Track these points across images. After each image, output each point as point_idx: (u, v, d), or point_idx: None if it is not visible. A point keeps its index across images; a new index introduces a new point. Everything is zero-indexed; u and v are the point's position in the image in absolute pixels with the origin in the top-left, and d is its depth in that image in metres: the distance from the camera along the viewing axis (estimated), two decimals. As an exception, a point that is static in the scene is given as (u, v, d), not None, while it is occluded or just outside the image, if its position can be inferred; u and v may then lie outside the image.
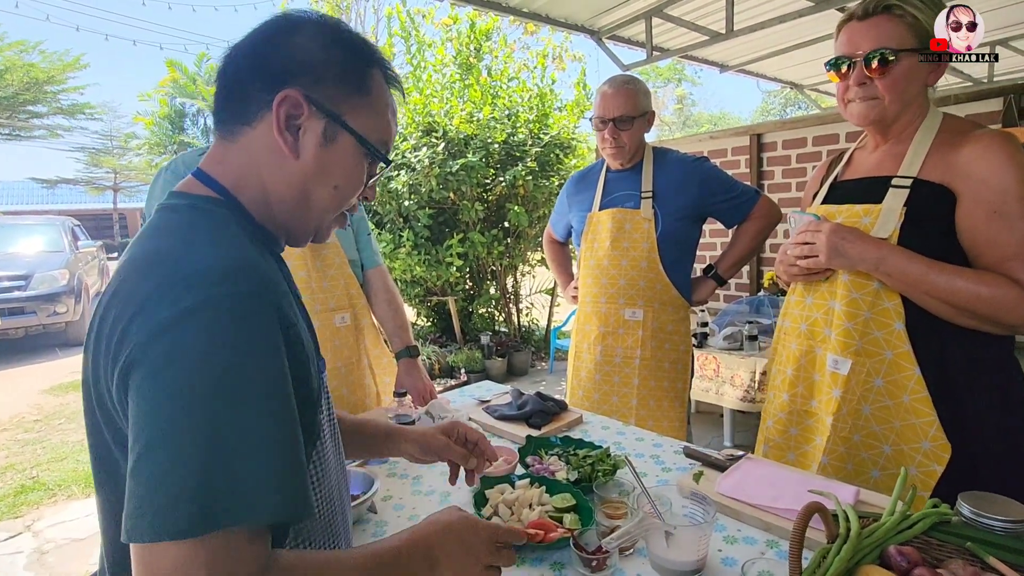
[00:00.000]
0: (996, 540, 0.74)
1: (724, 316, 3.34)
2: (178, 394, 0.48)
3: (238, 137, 0.65)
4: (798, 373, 1.23)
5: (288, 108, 0.62)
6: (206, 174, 0.65)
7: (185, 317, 0.50)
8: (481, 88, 4.95)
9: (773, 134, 3.62)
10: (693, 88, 28.25)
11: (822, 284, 1.17)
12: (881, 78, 1.07)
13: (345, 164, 0.67)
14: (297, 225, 0.69)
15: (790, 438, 1.26)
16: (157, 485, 0.47)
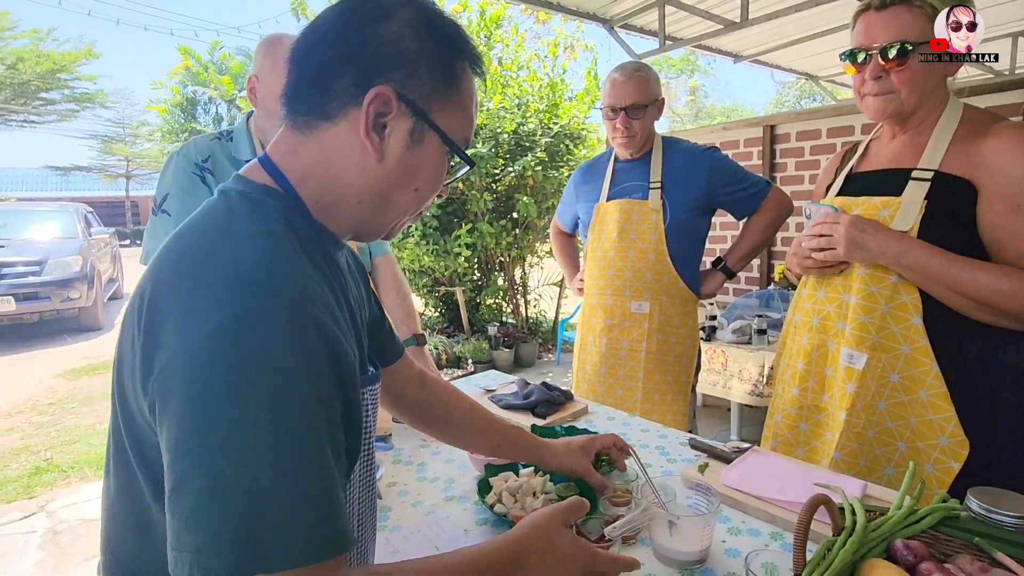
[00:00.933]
0: (1005, 536, 0.73)
1: (733, 309, 3.32)
2: (216, 420, 0.45)
3: (315, 131, 0.59)
4: (809, 367, 1.21)
5: (378, 106, 0.57)
6: (272, 163, 0.61)
7: (221, 332, 0.46)
8: (491, 77, 4.92)
9: (787, 125, 3.57)
10: (706, 79, 27.96)
11: (835, 277, 1.16)
12: (898, 72, 1.04)
13: (430, 166, 0.63)
14: (372, 226, 0.66)
15: (800, 433, 1.25)
16: (196, 522, 0.44)
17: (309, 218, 0.61)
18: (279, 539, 0.45)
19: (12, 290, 6.35)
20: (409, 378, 0.93)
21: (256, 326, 0.47)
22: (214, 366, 0.46)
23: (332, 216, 0.63)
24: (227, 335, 0.46)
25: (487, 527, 0.97)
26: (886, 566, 0.69)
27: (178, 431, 0.47)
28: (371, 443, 0.73)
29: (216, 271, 0.50)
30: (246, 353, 0.46)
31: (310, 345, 0.49)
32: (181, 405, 0.47)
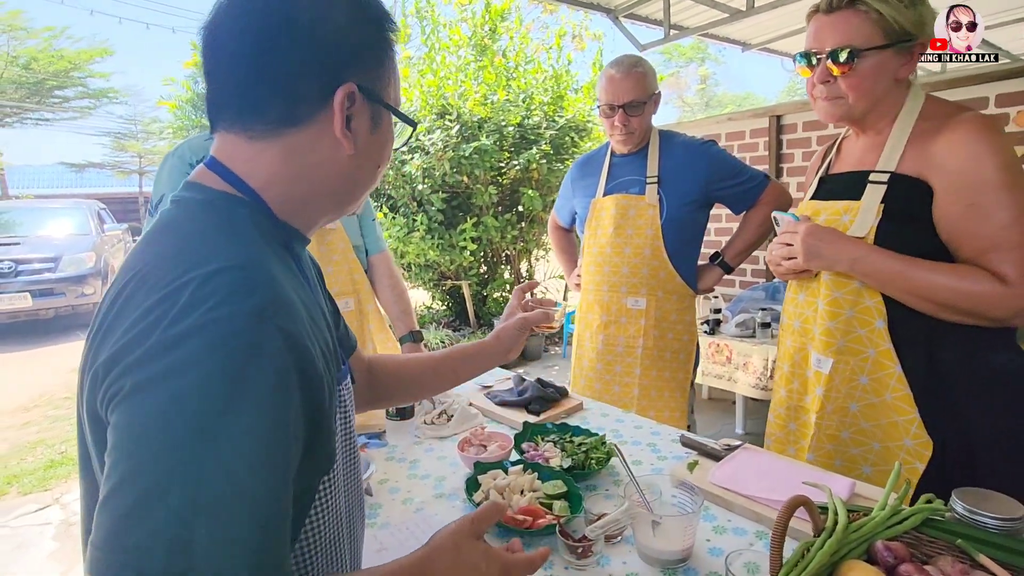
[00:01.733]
0: (988, 538, 0.72)
1: (738, 302, 3.29)
2: (165, 428, 0.44)
3: (282, 137, 0.58)
4: (793, 369, 1.22)
5: (345, 103, 0.58)
6: (228, 170, 0.59)
7: (182, 341, 0.45)
8: (496, 70, 4.90)
9: (793, 115, 3.51)
10: (717, 67, 27.53)
11: (812, 282, 1.16)
12: (845, 77, 1.04)
13: (387, 141, 0.66)
14: (343, 210, 0.68)
15: (789, 433, 1.25)
16: (135, 521, 0.43)
17: (275, 219, 0.61)
18: (210, 557, 0.43)
19: (28, 286, 6.48)
20: (359, 370, 0.93)
21: (214, 332, 0.46)
22: (173, 373, 0.45)
23: (301, 213, 0.63)
24: (190, 343, 0.45)
25: (474, 525, 0.97)
26: (864, 568, 0.69)
27: (126, 432, 0.45)
28: (353, 439, 0.74)
29: (182, 282, 0.48)
30: (208, 362, 0.45)
31: (274, 357, 0.48)
32: (134, 409, 0.46)
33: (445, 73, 4.89)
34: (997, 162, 0.94)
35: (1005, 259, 0.94)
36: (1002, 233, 0.94)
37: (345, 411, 0.70)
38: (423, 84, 4.68)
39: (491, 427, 1.37)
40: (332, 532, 0.65)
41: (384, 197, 5.01)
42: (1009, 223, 0.93)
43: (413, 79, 4.78)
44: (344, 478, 0.72)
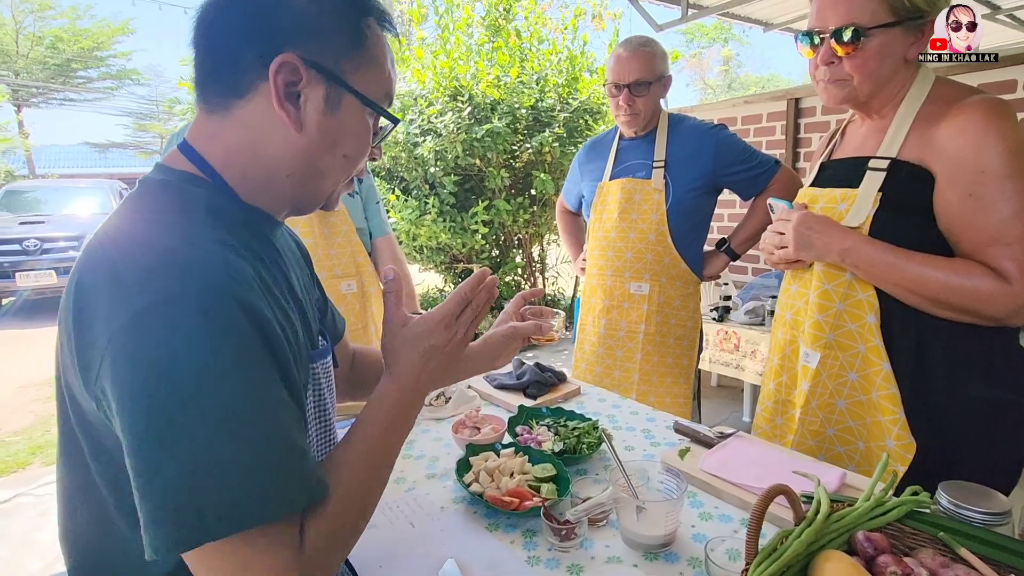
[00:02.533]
0: (971, 532, 0.72)
1: (749, 289, 3.25)
2: (146, 406, 0.46)
3: (231, 111, 0.59)
4: (783, 362, 1.20)
5: (287, 76, 0.57)
6: (193, 149, 0.60)
7: (138, 321, 0.47)
8: (510, 51, 4.83)
9: (813, 98, 3.41)
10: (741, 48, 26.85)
11: (805, 272, 1.13)
12: (850, 58, 0.98)
13: (352, 130, 0.62)
14: (307, 198, 0.66)
15: (776, 427, 1.24)
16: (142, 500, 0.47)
17: (238, 201, 0.61)
18: (220, 508, 0.47)
19: (54, 264, 6.66)
20: (343, 359, 0.95)
21: (170, 310, 0.47)
22: (134, 355, 0.47)
23: (264, 195, 0.63)
24: (142, 323, 0.47)
25: (463, 505, 0.99)
26: (839, 557, 0.69)
27: (122, 425, 0.48)
28: (329, 420, 0.75)
29: (131, 265, 0.50)
30: (163, 338, 0.47)
31: (232, 322, 0.49)
32: (120, 400, 0.48)
33: (458, 54, 4.84)
34: (1002, 149, 0.89)
35: (1005, 254, 0.89)
36: (1003, 226, 0.89)
37: (319, 390, 0.70)
38: (436, 65, 4.64)
39: (487, 410, 1.38)
40: None
41: (397, 179, 5.01)
42: (1011, 216, 0.89)
43: (427, 60, 4.75)
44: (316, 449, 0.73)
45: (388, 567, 0.84)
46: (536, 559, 0.84)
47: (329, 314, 0.90)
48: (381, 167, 4.96)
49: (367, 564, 0.83)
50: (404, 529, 0.93)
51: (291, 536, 0.52)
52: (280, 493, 0.50)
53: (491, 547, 0.87)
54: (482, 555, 0.85)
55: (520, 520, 0.93)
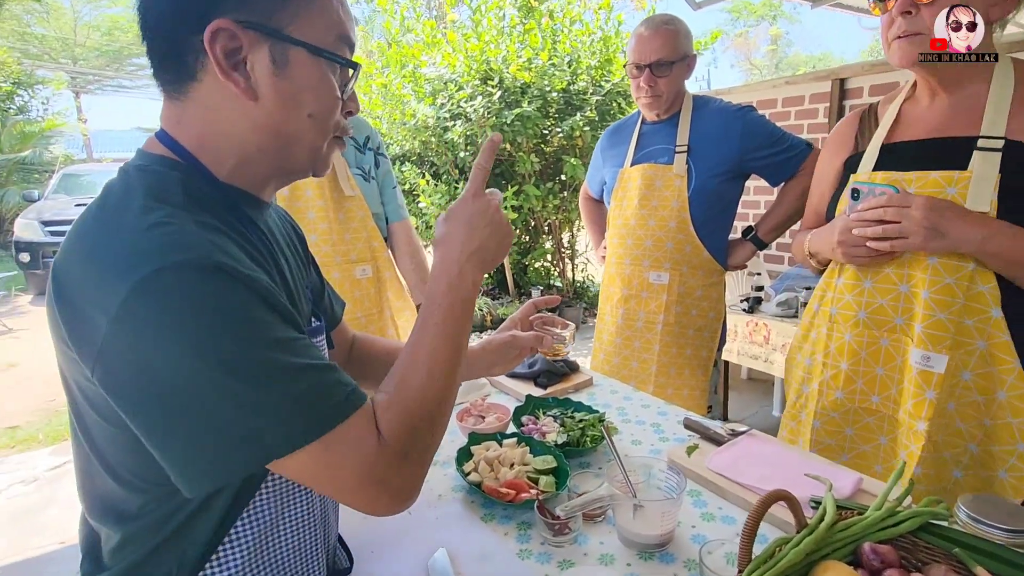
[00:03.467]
0: (990, 549, 0.66)
1: (784, 279, 3.12)
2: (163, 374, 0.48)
3: (189, 95, 0.58)
4: (856, 368, 1.09)
5: (224, 43, 0.54)
6: (167, 134, 0.60)
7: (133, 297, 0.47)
8: (542, 33, 4.74)
9: (859, 78, 3.22)
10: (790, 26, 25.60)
11: (885, 265, 1.03)
12: (930, 7, 0.89)
13: (309, 86, 0.59)
14: (287, 169, 0.64)
15: (844, 439, 1.13)
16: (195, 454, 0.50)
17: (215, 182, 0.60)
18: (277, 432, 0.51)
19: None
20: (341, 346, 0.94)
21: (162, 281, 0.48)
22: (141, 328, 0.48)
23: (242, 173, 0.62)
24: (139, 297, 0.47)
25: (461, 494, 0.99)
26: (839, 569, 0.65)
27: (139, 397, 0.50)
28: None
29: (113, 247, 0.50)
30: (164, 306, 0.47)
31: (222, 284, 0.50)
32: (129, 374, 0.49)
33: (489, 37, 4.78)
34: None
35: None
36: None
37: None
38: (467, 48, 4.59)
39: (496, 398, 1.37)
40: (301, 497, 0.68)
41: (427, 164, 5.02)
42: None
43: (459, 44, 4.70)
44: None
45: (379, 552, 0.84)
46: (527, 552, 0.83)
47: (326, 297, 0.90)
48: (412, 152, 4.98)
49: (359, 549, 0.84)
50: (400, 516, 0.92)
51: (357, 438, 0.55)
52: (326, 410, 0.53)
53: (484, 538, 0.86)
54: (474, 546, 0.85)
55: (516, 512, 0.92)
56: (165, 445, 0.51)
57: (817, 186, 1.26)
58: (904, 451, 1.04)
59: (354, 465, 0.54)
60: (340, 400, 0.55)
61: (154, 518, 0.59)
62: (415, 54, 4.80)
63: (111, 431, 0.56)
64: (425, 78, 4.67)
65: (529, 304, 1.01)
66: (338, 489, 0.55)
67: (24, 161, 10.18)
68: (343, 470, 0.54)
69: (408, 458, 0.58)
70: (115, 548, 0.61)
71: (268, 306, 0.53)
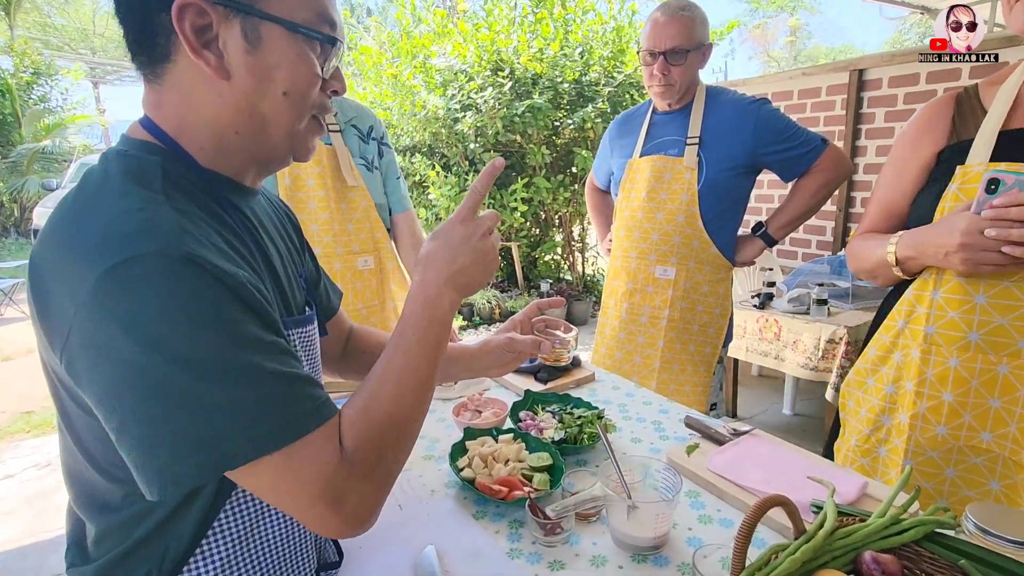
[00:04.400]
0: (998, 561, 0.63)
1: (797, 275, 3.06)
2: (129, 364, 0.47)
3: (164, 78, 0.57)
4: (965, 399, 0.95)
5: (192, 20, 0.53)
6: (149, 120, 0.59)
7: (102, 285, 0.46)
8: (554, 23, 4.68)
9: (878, 69, 3.14)
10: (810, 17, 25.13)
11: (1003, 278, 0.89)
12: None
13: (284, 63, 0.57)
14: (266, 152, 0.62)
15: (944, 481, 1.00)
16: (150, 449, 0.48)
17: (197, 168, 0.59)
18: (236, 438, 0.48)
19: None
20: (337, 337, 0.92)
21: (133, 271, 0.47)
22: (107, 318, 0.47)
23: (222, 158, 0.60)
24: (108, 286, 0.46)
25: (454, 490, 0.97)
26: (837, 579, 0.62)
27: (102, 386, 0.49)
28: None
29: (86, 232, 0.49)
30: (132, 297, 0.46)
31: (194, 276, 0.49)
32: (94, 362, 0.48)
33: (500, 27, 4.73)
34: None
35: None
36: None
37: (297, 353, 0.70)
38: (477, 38, 4.55)
39: (495, 392, 1.35)
40: None
41: (437, 155, 5.00)
42: None
43: (469, 34, 4.66)
44: None
45: (368, 548, 0.83)
46: (518, 552, 0.81)
47: (322, 287, 0.89)
48: (422, 143, 4.96)
49: (348, 545, 0.83)
50: (391, 511, 0.92)
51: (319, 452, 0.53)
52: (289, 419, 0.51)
53: (474, 536, 0.85)
54: (464, 543, 0.83)
55: (508, 510, 0.91)
56: (121, 442, 0.50)
57: (894, 182, 1.08)
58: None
59: (312, 481, 0.52)
60: (305, 411, 0.52)
61: (137, 510, 0.58)
62: (426, 44, 4.76)
63: (88, 420, 0.55)
64: (436, 69, 4.64)
65: (532, 305, 0.97)
66: (293, 506, 0.52)
67: (44, 151, 10.33)
68: (300, 486, 0.51)
69: (369, 478, 0.55)
70: (98, 539, 0.61)
71: (242, 303, 0.52)
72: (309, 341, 0.74)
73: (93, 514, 0.61)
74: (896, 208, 1.09)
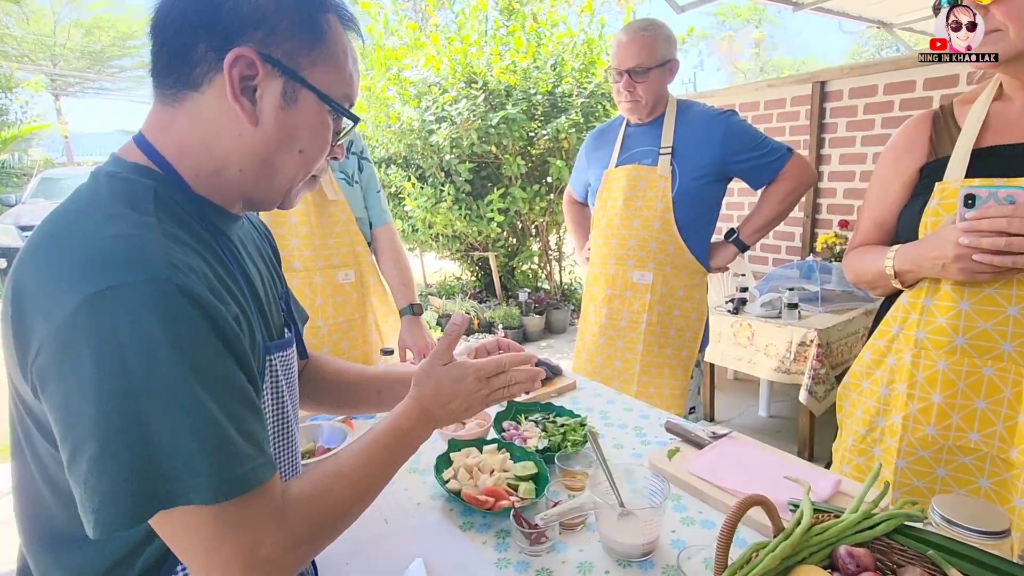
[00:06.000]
0: (964, 551, 0.66)
1: (769, 280, 3.14)
2: (92, 392, 0.46)
3: (184, 103, 0.59)
4: (952, 401, 0.99)
5: (242, 69, 0.56)
6: (146, 141, 0.60)
7: (81, 310, 0.46)
8: (526, 35, 4.74)
9: (839, 81, 3.27)
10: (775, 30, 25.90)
11: (985, 285, 0.94)
12: (1001, 2, 0.85)
13: (309, 125, 0.62)
14: (261, 194, 0.65)
15: (935, 480, 1.03)
16: (92, 486, 0.47)
17: (189, 193, 0.60)
18: (178, 484, 0.48)
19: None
20: None
21: (115, 299, 0.47)
22: (80, 344, 0.46)
23: (216, 187, 0.62)
24: (87, 312, 0.46)
25: (440, 502, 0.97)
26: (815, 573, 0.65)
27: (62, 411, 0.48)
28: (286, 412, 0.73)
29: (72, 254, 0.49)
30: (109, 327, 0.46)
31: (177, 310, 0.49)
32: (57, 386, 0.48)
33: (472, 40, 4.77)
34: None
35: None
36: None
37: (276, 383, 0.69)
38: (451, 51, 4.58)
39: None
40: None
41: (412, 167, 5.00)
42: None
43: (442, 46, 4.69)
44: (278, 454, 0.72)
45: (354, 564, 0.82)
46: (506, 561, 0.82)
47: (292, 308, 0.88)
48: (397, 155, 4.96)
49: (334, 560, 0.83)
50: (377, 526, 0.91)
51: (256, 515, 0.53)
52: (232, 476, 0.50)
53: (462, 547, 0.85)
54: (451, 555, 0.83)
55: (495, 520, 0.91)
56: (72, 471, 0.49)
57: (880, 198, 1.13)
58: (1021, 498, 0.95)
59: (241, 544, 0.51)
60: (250, 469, 0.52)
61: (100, 545, 0.56)
62: (399, 57, 4.78)
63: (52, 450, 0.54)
64: (409, 81, 4.65)
65: (493, 341, 0.91)
66: (208, 562, 0.51)
67: (2, 165, 9.99)
68: (226, 544, 0.51)
69: (297, 551, 0.56)
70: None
71: (223, 342, 0.52)
72: (288, 364, 0.74)
73: (47, 552, 0.59)
74: (885, 222, 1.13)
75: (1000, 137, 0.97)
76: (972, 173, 0.97)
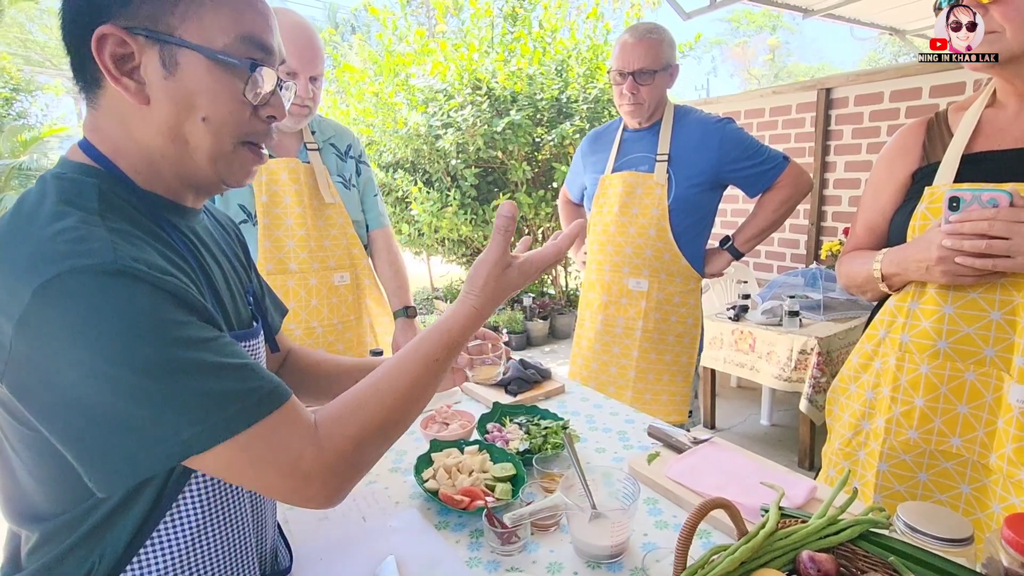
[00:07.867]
0: (925, 558, 0.66)
1: (772, 287, 3.13)
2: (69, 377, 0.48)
3: (100, 102, 0.59)
4: (935, 405, 0.98)
5: (113, 49, 0.55)
6: (87, 141, 0.61)
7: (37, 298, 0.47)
8: (533, 41, 4.77)
9: (844, 88, 3.25)
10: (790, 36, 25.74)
11: (969, 290, 0.93)
12: (998, 4, 0.84)
13: (202, 88, 0.58)
14: (192, 176, 0.63)
15: (916, 485, 1.03)
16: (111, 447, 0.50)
17: (135, 189, 0.60)
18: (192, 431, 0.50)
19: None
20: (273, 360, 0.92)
21: (68, 282, 0.48)
22: (44, 334, 0.48)
23: (157, 180, 0.62)
24: (43, 301, 0.47)
25: (418, 501, 0.99)
26: (773, 575, 0.65)
27: (50, 399, 0.50)
28: None
29: (19, 253, 0.50)
30: (70, 307, 0.48)
31: (125, 286, 0.49)
32: (39, 378, 0.49)
33: (477, 47, 4.81)
34: None
35: None
36: None
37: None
38: (457, 58, 4.63)
39: (465, 405, 1.37)
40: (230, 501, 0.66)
41: (419, 171, 5.05)
42: None
43: (450, 53, 4.74)
44: None
45: (328, 560, 0.84)
46: (477, 560, 0.83)
47: (267, 303, 0.89)
48: (405, 159, 5.00)
49: (308, 555, 0.84)
50: (354, 523, 0.93)
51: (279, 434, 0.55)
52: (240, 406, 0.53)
53: (435, 546, 0.86)
54: (424, 553, 0.85)
55: (470, 519, 0.92)
56: (79, 448, 0.51)
57: (873, 202, 1.14)
58: (1000, 504, 0.93)
59: (274, 461, 0.54)
60: (260, 397, 0.55)
61: (71, 516, 0.58)
62: (406, 63, 4.83)
63: (26, 434, 0.55)
64: (416, 87, 4.70)
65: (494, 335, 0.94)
66: (261, 484, 0.55)
67: (22, 167, 10.21)
68: (264, 466, 0.54)
69: (339, 464, 0.57)
70: (32, 548, 0.61)
71: (182, 305, 0.53)
72: (255, 355, 0.74)
73: (26, 524, 0.60)
74: (877, 227, 1.14)
75: (991, 143, 0.97)
76: (961, 178, 0.97)
